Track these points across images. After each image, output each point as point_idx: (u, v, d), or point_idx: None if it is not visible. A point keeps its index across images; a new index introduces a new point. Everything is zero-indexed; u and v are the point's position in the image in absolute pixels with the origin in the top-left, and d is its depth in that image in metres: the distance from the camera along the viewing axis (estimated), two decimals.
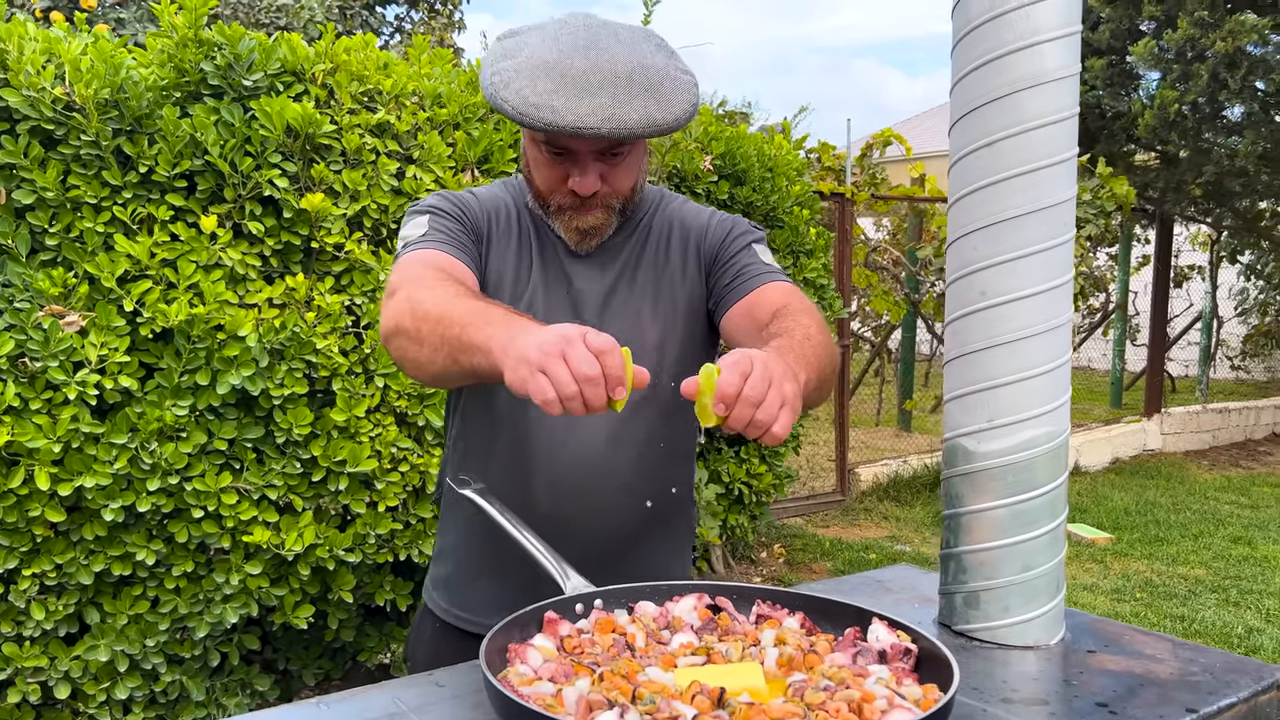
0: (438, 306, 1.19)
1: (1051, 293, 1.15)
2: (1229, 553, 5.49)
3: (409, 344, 1.22)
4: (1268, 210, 8.72)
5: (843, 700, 0.92)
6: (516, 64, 1.31)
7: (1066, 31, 1.14)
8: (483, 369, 1.12)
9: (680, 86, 1.33)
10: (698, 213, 1.55)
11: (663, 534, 1.52)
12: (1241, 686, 1.06)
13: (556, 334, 1.02)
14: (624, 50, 1.31)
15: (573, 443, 1.41)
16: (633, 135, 1.28)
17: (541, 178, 1.41)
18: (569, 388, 0.99)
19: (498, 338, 1.09)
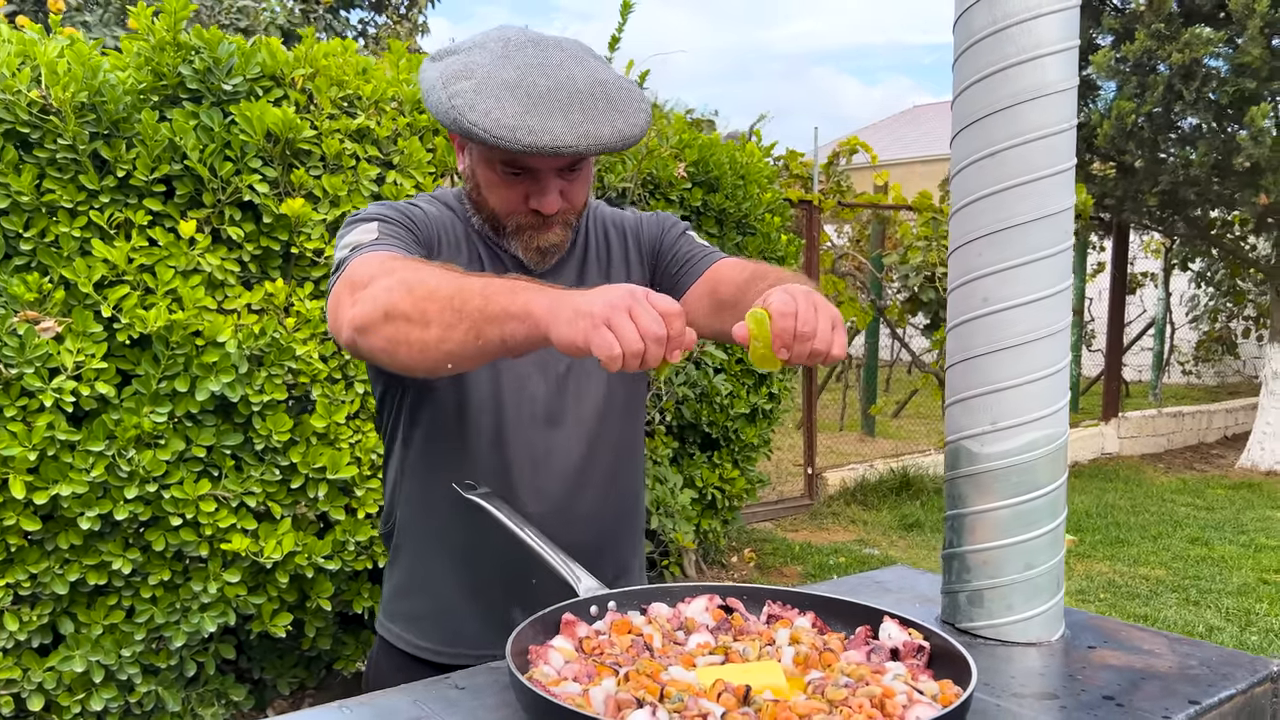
0: (447, 283, 1.12)
1: (1052, 299, 1.19)
2: (1187, 553, 5.62)
3: (410, 327, 1.12)
4: (1219, 219, 8.95)
5: (865, 696, 0.94)
6: (474, 84, 1.28)
7: (1066, 45, 1.18)
8: (517, 337, 1.07)
9: (634, 97, 1.35)
10: (623, 214, 1.57)
11: (629, 533, 1.54)
12: (1238, 679, 1.10)
13: (624, 291, 1.02)
14: (577, 66, 1.33)
15: (553, 457, 1.41)
16: (606, 149, 1.29)
17: (498, 199, 1.38)
18: (635, 344, 0.98)
19: (538, 301, 1.06)
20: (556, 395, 1.42)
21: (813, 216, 6.31)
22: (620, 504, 1.51)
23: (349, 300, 1.18)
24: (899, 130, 24.20)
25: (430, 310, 1.11)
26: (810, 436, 6.58)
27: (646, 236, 1.54)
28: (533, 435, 1.41)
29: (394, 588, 1.52)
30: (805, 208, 6.25)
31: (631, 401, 1.52)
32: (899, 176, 9.39)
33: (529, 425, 1.41)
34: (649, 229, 1.55)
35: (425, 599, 1.46)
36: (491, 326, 1.08)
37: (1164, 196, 7.41)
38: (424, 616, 1.46)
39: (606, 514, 1.48)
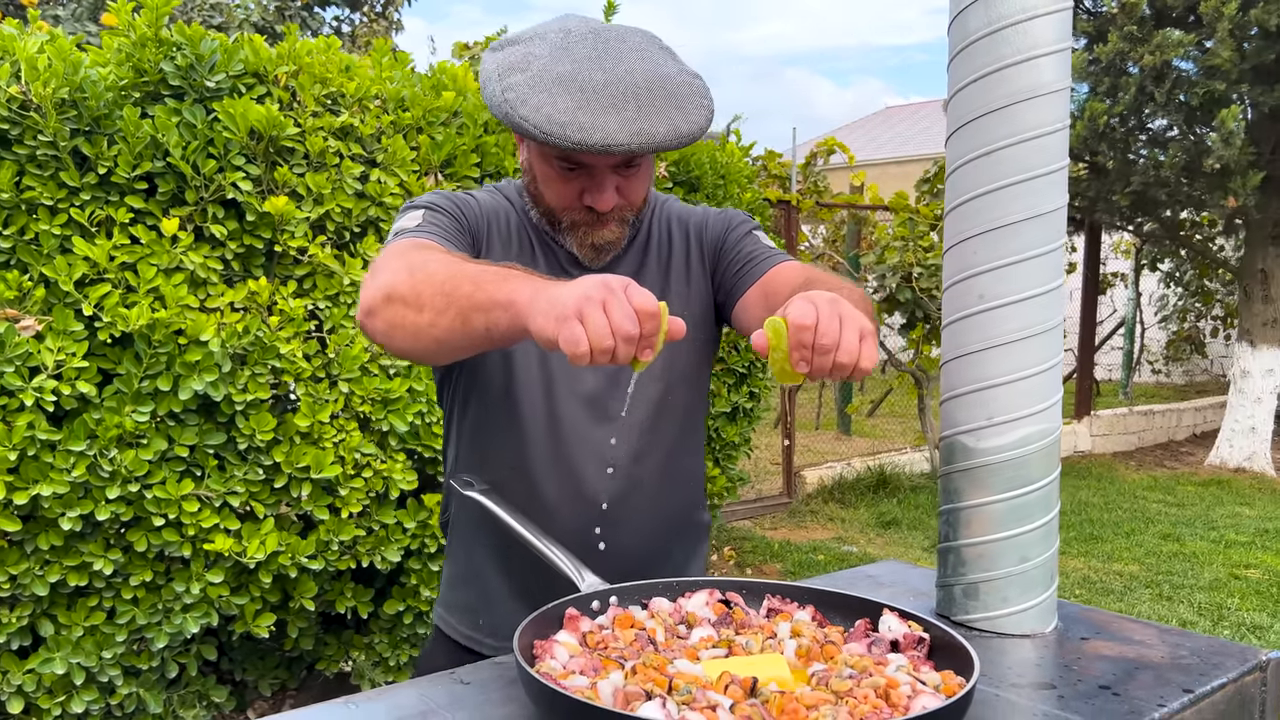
0: (445, 268, 1.12)
1: (1046, 296, 1.21)
2: (1159, 549, 5.70)
3: (405, 310, 1.12)
4: (1188, 220, 9.08)
5: (870, 687, 0.96)
6: (529, 78, 1.26)
7: (1060, 47, 1.20)
8: (499, 327, 1.05)
9: (696, 92, 1.31)
10: (691, 210, 1.53)
11: (687, 537, 1.51)
12: (1229, 668, 1.12)
13: (599, 282, 0.96)
14: (638, 59, 1.29)
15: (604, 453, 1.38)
16: (660, 148, 1.25)
17: (554, 194, 1.36)
18: (605, 341, 0.93)
19: (522, 291, 1.02)
20: (610, 389, 1.39)
21: (791, 216, 6.35)
22: (675, 506, 1.48)
23: (368, 284, 1.19)
24: (873, 131, 24.35)
25: (425, 293, 1.10)
26: (789, 435, 6.61)
27: (710, 234, 1.49)
28: (584, 428, 1.38)
29: (448, 577, 1.52)
30: (784, 208, 6.29)
31: (691, 404, 1.48)
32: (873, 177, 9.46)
33: (580, 418, 1.38)
34: (714, 226, 1.50)
35: (475, 590, 1.46)
36: (477, 314, 1.06)
37: (1135, 197, 7.51)
38: (475, 608, 1.45)
39: (660, 515, 1.45)
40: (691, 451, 1.50)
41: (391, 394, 2.90)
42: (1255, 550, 5.68)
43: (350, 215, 2.90)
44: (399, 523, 3.01)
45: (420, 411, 2.95)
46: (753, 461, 7.35)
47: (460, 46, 5.17)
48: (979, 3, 1.20)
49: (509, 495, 1.36)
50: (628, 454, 1.40)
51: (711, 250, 1.48)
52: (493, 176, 3.23)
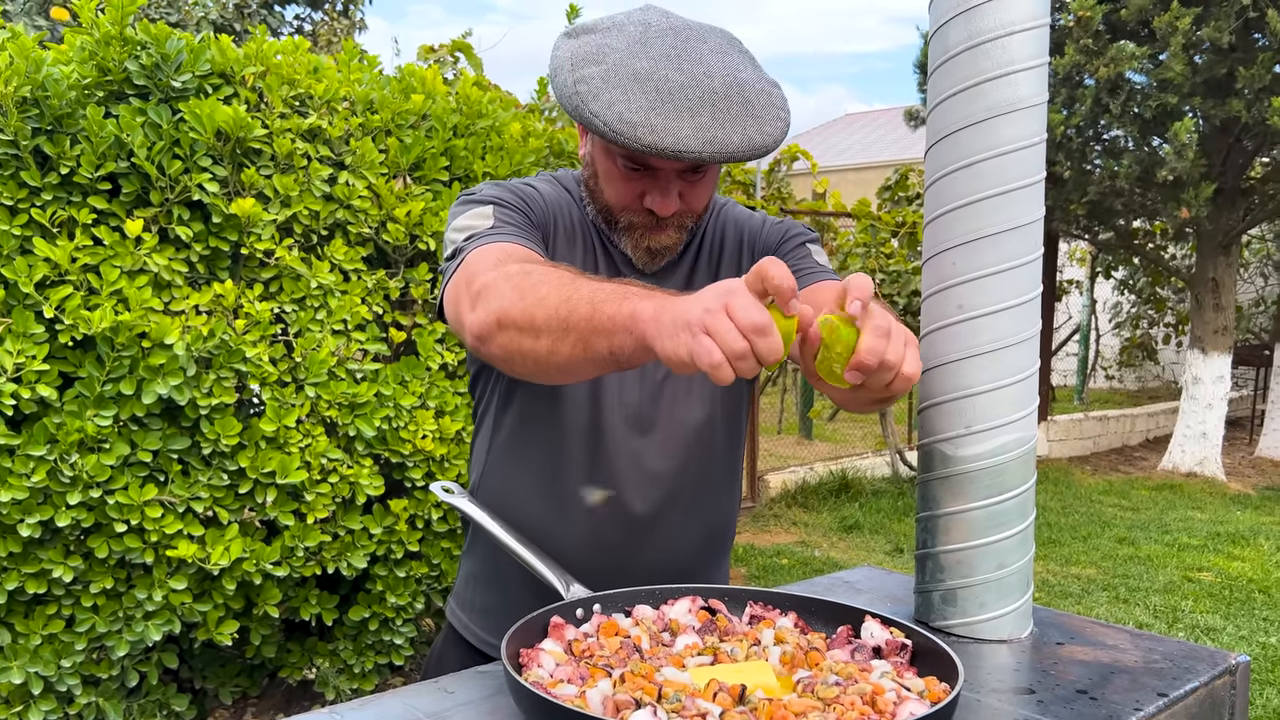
0: (557, 289, 1.05)
1: (1024, 306, 1.23)
2: (1115, 553, 5.80)
3: (522, 337, 1.06)
4: (1141, 229, 9.26)
5: (856, 694, 0.97)
6: (604, 71, 1.21)
7: (1038, 62, 1.22)
8: (625, 349, 0.99)
9: (773, 102, 1.27)
10: (750, 216, 1.49)
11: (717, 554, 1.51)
12: (1201, 672, 1.15)
13: (718, 289, 0.92)
14: (718, 61, 1.24)
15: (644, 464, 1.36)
16: (733, 159, 1.21)
17: (615, 192, 1.32)
18: (737, 344, 0.89)
19: (645, 309, 0.97)
20: (650, 402, 1.36)
21: None
22: (709, 523, 1.46)
23: (468, 304, 1.14)
24: (832, 138, 24.56)
25: (539, 319, 1.05)
26: (752, 440, 6.65)
27: (763, 243, 1.44)
28: (625, 439, 1.35)
29: (466, 576, 1.49)
30: None
31: (732, 421, 1.45)
32: (834, 183, 9.54)
33: (621, 427, 1.35)
34: (769, 235, 1.45)
35: (496, 592, 1.43)
36: (599, 338, 1.01)
37: (1091, 206, 7.65)
38: (493, 610, 1.41)
39: (694, 531, 1.43)
40: (731, 467, 1.48)
41: (359, 398, 2.87)
42: (1207, 553, 5.80)
43: (318, 218, 2.87)
44: (365, 528, 2.98)
45: (387, 416, 2.93)
46: None
47: (425, 49, 5.14)
48: (959, 18, 1.22)
49: (542, 501, 1.35)
50: (669, 467, 1.38)
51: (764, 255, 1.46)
52: (462, 179, 3.22)
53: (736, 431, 1.48)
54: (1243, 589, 5.08)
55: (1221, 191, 7.57)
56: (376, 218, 2.98)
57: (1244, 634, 4.40)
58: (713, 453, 1.43)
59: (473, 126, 3.27)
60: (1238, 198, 7.81)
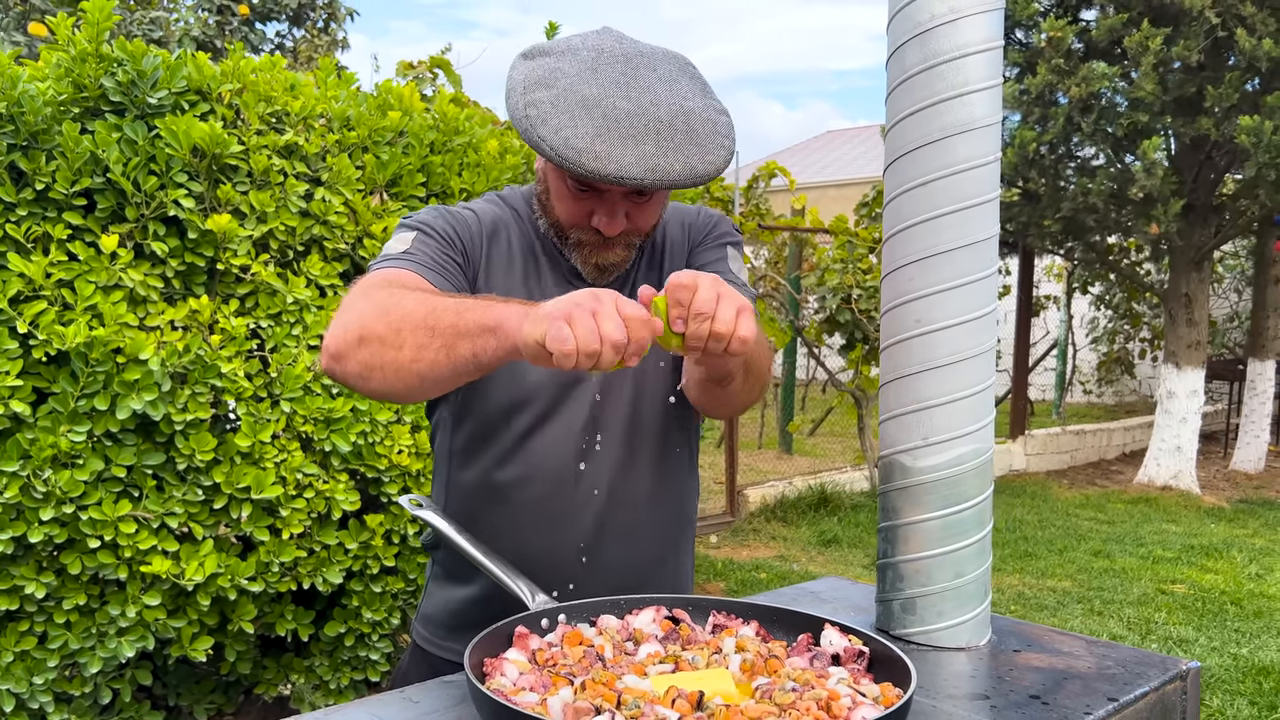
0: (421, 304, 1.13)
1: (979, 321, 1.26)
2: (1091, 565, 5.85)
3: (383, 349, 1.12)
4: (1116, 245, 9.38)
5: (811, 699, 0.99)
6: (554, 95, 1.25)
7: (991, 83, 1.25)
8: (487, 351, 1.07)
9: (718, 130, 1.31)
10: (686, 208, 1.54)
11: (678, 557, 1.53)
12: (1151, 677, 1.18)
13: (588, 293, 1.00)
14: (665, 90, 1.28)
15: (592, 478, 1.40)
16: (674, 186, 1.26)
17: (564, 210, 1.36)
18: (591, 344, 0.97)
19: (510, 313, 1.05)
20: (594, 414, 1.40)
21: None
22: (666, 523, 1.49)
23: (335, 328, 1.18)
24: (813, 154, 24.71)
25: (404, 330, 1.11)
26: (731, 454, 6.67)
27: (696, 231, 1.51)
28: (571, 451, 1.39)
29: (432, 597, 1.52)
30: None
31: (679, 421, 1.48)
32: (813, 199, 9.61)
33: (568, 439, 1.39)
34: (700, 223, 1.51)
35: (462, 605, 1.46)
36: (463, 341, 1.08)
37: (1065, 223, 7.74)
38: (459, 624, 1.44)
39: (652, 532, 1.46)
40: (682, 464, 1.51)
41: (334, 414, 2.88)
42: (1181, 566, 5.86)
43: (294, 234, 2.88)
44: (341, 544, 2.98)
45: (363, 431, 2.94)
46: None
47: (405, 65, 5.16)
48: (915, 40, 1.26)
49: (500, 515, 1.38)
50: (616, 476, 1.41)
51: (691, 245, 1.50)
52: (438, 196, 3.24)
53: (684, 430, 1.51)
54: (1215, 601, 5.14)
55: (1193, 208, 7.68)
56: (353, 233, 3.00)
57: (1215, 645, 4.45)
58: (661, 455, 1.46)
59: (449, 143, 3.29)
60: (1209, 214, 7.92)
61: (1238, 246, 11.79)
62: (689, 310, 1.05)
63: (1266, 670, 4.13)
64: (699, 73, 1.37)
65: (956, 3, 1.23)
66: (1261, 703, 3.81)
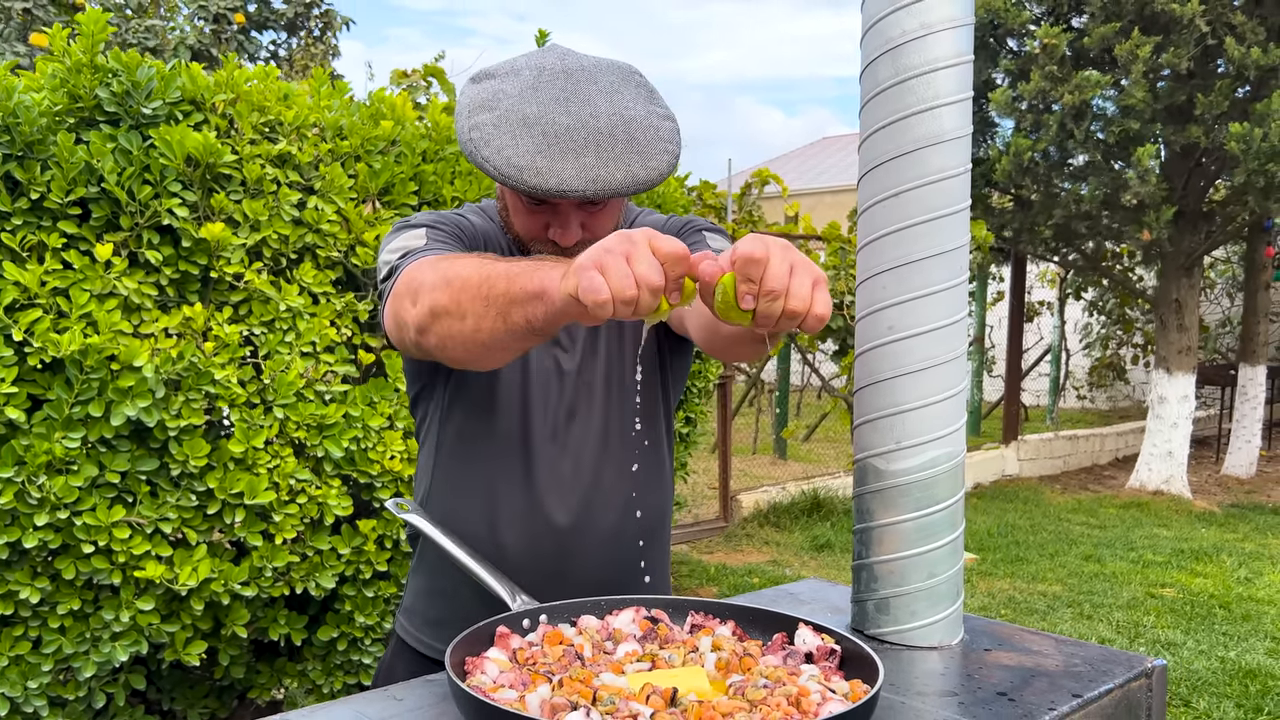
0: (477, 271, 1.12)
1: (950, 328, 1.29)
2: (1081, 570, 5.88)
3: (451, 321, 1.13)
4: (1109, 251, 9.42)
5: (782, 695, 1.02)
6: (495, 117, 1.28)
7: (961, 97, 1.29)
8: (538, 317, 1.05)
9: (661, 136, 1.33)
10: (657, 218, 1.57)
11: (654, 557, 1.55)
12: (1116, 674, 1.21)
13: (621, 235, 0.95)
14: (605, 101, 1.30)
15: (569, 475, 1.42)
16: (616, 194, 1.28)
17: (521, 225, 1.40)
18: (627, 289, 0.91)
19: (552, 275, 1.02)
20: (568, 413, 1.43)
21: None
22: (640, 523, 1.51)
23: (409, 302, 1.20)
24: (810, 160, 24.77)
25: (464, 301, 1.11)
26: (725, 460, 6.70)
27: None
28: (548, 449, 1.42)
29: (416, 590, 1.54)
30: None
31: (650, 420, 1.49)
32: (809, 205, 9.66)
33: (545, 438, 1.42)
34: (670, 228, 1.53)
35: (446, 604, 1.48)
36: (515, 309, 1.07)
37: (1058, 229, 7.79)
38: (443, 622, 1.46)
39: (627, 532, 1.48)
40: (657, 464, 1.54)
41: (327, 420, 2.91)
42: (1171, 570, 5.89)
43: (287, 242, 2.91)
44: (333, 549, 3.01)
45: (356, 437, 2.97)
46: (690, 486, 7.43)
47: (399, 74, 5.20)
48: (887, 55, 1.29)
49: (482, 515, 1.40)
50: (590, 476, 1.44)
51: None
52: (431, 204, 3.27)
53: (656, 429, 1.54)
54: (1204, 604, 5.17)
55: (1183, 214, 7.72)
56: (345, 241, 3.03)
57: (1204, 648, 4.48)
58: (635, 455, 1.49)
59: (441, 152, 3.32)
60: (1199, 220, 7.97)
61: (1229, 252, 11.85)
62: (760, 287, 0.95)
63: (1253, 673, 4.16)
64: (646, 80, 1.39)
65: (927, 18, 1.27)
66: (1247, 705, 3.85)
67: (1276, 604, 5.19)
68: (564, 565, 1.41)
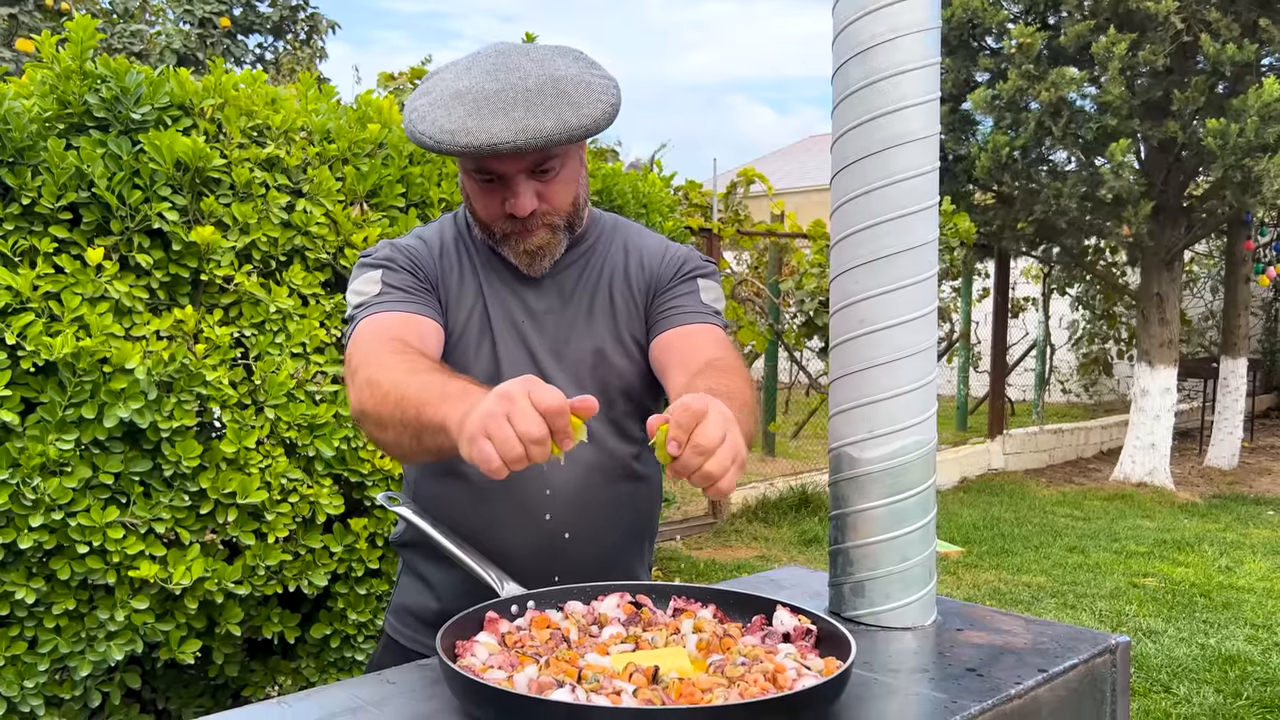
0: (395, 387, 1.19)
1: (920, 320, 1.34)
2: (1066, 561, 5.96)
3: (375, 429, 1.23)
4: (1091, 247, 9.52)
5: (760, 672, 1.07)
6: (431, 99, 1.34)
7: (928, 98, 1.34)
8: (446, 448, 1.11)
9: (595, 90, 1.35)
10: (650, 241, 1.58)
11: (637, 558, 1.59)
12: (1081, 651, 1.26)
13: (497, 395, 1.01)
14: (534, 66, 1.34)
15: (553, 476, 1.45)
16: (550, 142, 1.29)
17: (481, 207, 1.43)
18: (513, 450, 0.99)
19: (453, 414, 1.08)
20: None
21: (713, 244, 6.52)
22: (626, 519, 1.54)
23: (349, 382, 1.31)
24: (797, 159, 24.83)
25: (384, 414, 1.20)
26: None
27: (660, 272, 1.53)
28: None
29: (403, 589, 1.58)
30: (706, 236, 6.46)
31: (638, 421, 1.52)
32: (796, 204, 9.70)
33: None
34: (666, 265, 1.54)
35: (432, 600, 1.52)
36: (426, 435, 1.15)
37: (1038, 225, 7.87)
38: (432, 620, 1.47)
39: (611, 528, 1.52)
40: (643, 464, 1.57)
41: (318, 419, 2.95)
42: (1154, 560, 5.97)
43: (276, 244, 2.95)
44: (326, 547, 3.05)
45: (346, 436, 3.00)
46: (679, 483, 7.48)
47: (385, 77, 5.24)
48: (857, 58, 1.34)
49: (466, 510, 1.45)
50: (574, 474, 1.47)
51: (655, 286, 1.53)
52: (418, 206, 3.31)
53: (642, 427, 1.55)
54: (1185, 593, 5.25)
55: (1163, 209, 7.81)
56: (334, 243, 3.07)
57: (1184, 636, 4.55)
58: (622, 453, 1.52)
59: (428, 154, 3.36)
60: (1179, 215, 8.06)
61: (1211, 247, 11.97)
62: (689, 438, 1.04)
63: (1233, 659, 4.24)
64: (587, 56, 1.43)
65: (895, 23, 1.32)
66: (1227, 690, 3.92)
67: (1256, 592, 5.27)
68: (548, 565, 1.45)
